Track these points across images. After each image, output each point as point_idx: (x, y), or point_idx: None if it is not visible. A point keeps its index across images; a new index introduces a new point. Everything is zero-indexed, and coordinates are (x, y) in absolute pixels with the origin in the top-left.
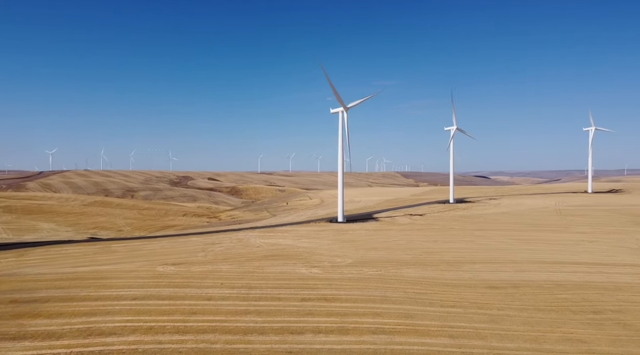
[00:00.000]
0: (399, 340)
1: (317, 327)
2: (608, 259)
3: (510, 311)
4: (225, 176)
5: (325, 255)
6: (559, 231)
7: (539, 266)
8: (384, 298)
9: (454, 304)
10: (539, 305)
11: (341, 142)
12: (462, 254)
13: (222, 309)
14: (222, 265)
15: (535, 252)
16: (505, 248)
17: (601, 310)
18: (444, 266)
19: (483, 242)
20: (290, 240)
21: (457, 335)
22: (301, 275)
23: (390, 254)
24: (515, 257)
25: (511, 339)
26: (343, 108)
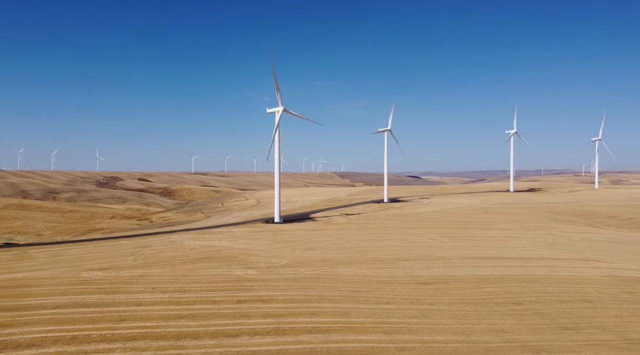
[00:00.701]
0: (335, 339)
1: (253, 329)
2: (527, 254)
3: (440, 305)
4: (157, 177)
5: (261, 256)
6: (484, 228)
7: (467, 262)
8: (320, 297)
9: (388, 301)
10: (466, 298)
11: (278, 142)
12: (395, 252)
13: (154, 314)
14: (154, 269)
15: (463, 248)
16: (436, 245)
17: (521, 301)
18: (378, 264)
19: (415, 240)
20: (225, 241)
21: (391, 330)
22: (237, 277)
23: (326, 253)
24: (445, 254)
25: (441, 332)
26: (280, 108)
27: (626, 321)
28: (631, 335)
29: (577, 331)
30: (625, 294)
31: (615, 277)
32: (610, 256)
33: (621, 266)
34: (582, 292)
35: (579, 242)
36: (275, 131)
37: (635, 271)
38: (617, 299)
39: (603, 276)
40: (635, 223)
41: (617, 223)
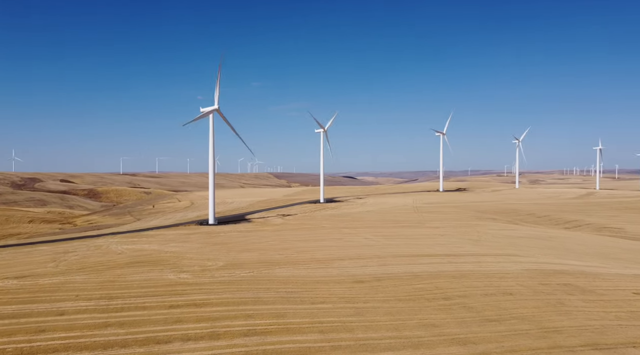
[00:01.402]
0: (271, 340)
1: (186, 334)
2: (456, 250)
3: (375, 303)
4: (82, 178)
5: (195, 259)
6: (416, 227)
7: (400, 260)
8: (256, 299)
9: (324, 300)
10: (399, 295)
11: (212, 142)
12: (332, 252)
13: (78, 323)
14: (77, 275)
15: (397, 246)
16: (370, 244)
17: (450, 296)
18: (314, 264)
19: (351, 240)
20: (156, 245)
21: (327, 330)
22: (169, 281)
23: (262, 254)
24: (379, 252)
25: (375, 329)
26: (213, 108)
27: (542, 311)
28: (547, 324)
29: (500, 322)
30: (541, 285)
31: (533, 270)
32: (529, 251)
33: (538, 260)
34: (504, 285)
35: (501, 239)
36: (212, 132)
37: (551, 264)
38: (535, 290)
39: (523, 270)
40: (550, 219)
41: (535, 220)
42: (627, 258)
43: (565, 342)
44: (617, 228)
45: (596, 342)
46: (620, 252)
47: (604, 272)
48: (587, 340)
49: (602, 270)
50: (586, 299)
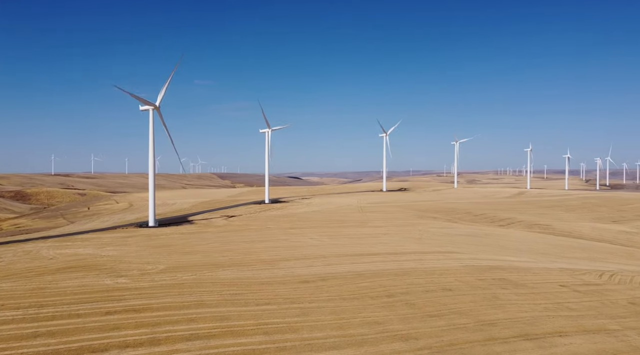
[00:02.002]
0: (214, 344)
1: (124, 341)
2: (399, 249)
3: (320, 303)
4: (8, 178)
5: (134, 263)
6: (360, 226)
7: (345, 259)
8: (199, 303)
9: (269, 301)
10: (344, 294)
11: (152, 141)
12: (277, 252)
13: (3, 335)
14: (3, 283)
15: (342, 246)
16: (316, 244)
17: (393, 293)
18: (260, 265)
19: (296, 240)
20: (92, 249)
21: (272, 331)
22: (105, 287)
23: (206, 257)
24: (325, 252)
25: (320, 328)
26: (153, 106)
27: (479, 305)
28: (483, 318)
29: (440, 317)
30: (478, 281)
31: (471, 266)
32: (467, 248)
33: (475, 256)
34: (444, 281)
35: (441, 237)
36: (152, 130)
37: (487, 260)
38: (472, 286)
39: (461, 266)
40: (486, 218)
41: (472, 218)
42: (554, 253)
43: (500, 333)
44: (545, 225)
45: (527, 333)
46: (548, 248)
47: (534, 266)
48: (519, 332)
49: (532, 265)
50: (518, 293)
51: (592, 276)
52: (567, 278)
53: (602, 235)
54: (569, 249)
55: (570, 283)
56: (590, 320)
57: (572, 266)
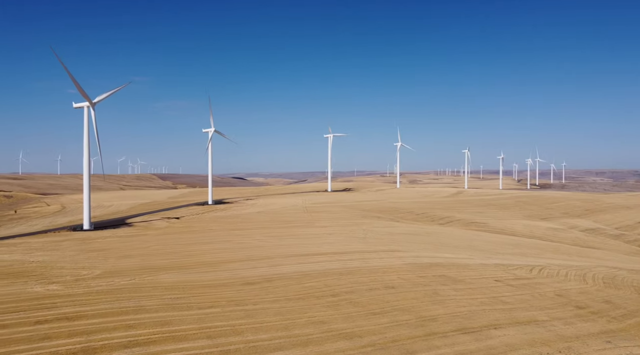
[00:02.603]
0: (155, 350)
1: (55, 351)
2: (344, 248)
3: (265, 304)
4: None
5: (67, 269)
6: (306, 226)
7: (290, 259)
8: (138, 308)
9: (212, 304)
10: (290, 295)
11: (87, 139)
12: (221, 254)
13: None
14: None
15: (287, 247)
16: (260, 245)
17: (338, 293)
18: (203, 268)
19: (241, 241)
20: (19, 254)
21: (215, 334)
22: (35, 295)
23: (146, 260)
24: (270, 253)
25: (265, 330)
26: (89, 103)
27: (420, 302)
28: (424, 313)
29: (384, 315)
30: (420, 278)
31: (413, 264)
32: (410, 246)
33: (417, 254)
34: (387, 279)
35: (384, 236)
36: (86, 129)
37: (428, 258)
38: (414, 283)
39: (404, 264)
40: (427, 216)
41: (414, 217)
42: (490, 249)
43: (440, 328)
44: (481, 223)
45: (465, 327)
46: (484, 244)
47: (471, 263)
48: (457, 326)
49: (470, 262)
50: (457, 288)
51: (523, 271)
52: (501, 273)
53: (532, 231)
54: (503, 246)
55: (504, 278)
56: (522, 313)
57: (506, 262)
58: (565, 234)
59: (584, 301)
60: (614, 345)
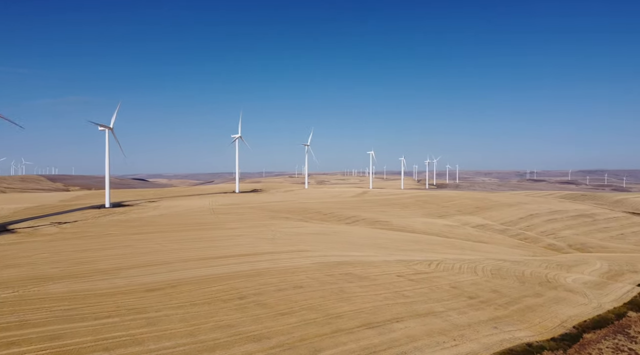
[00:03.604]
0: None
1: None
2: (252, 250)
3: (168, 311)
4: None
5: None
6: (213, 229)
7: (196, 263)
8: (22, 323)
9: (110, 314)
10: (195, 300)
11: None
12: (119, 261)
13: None
14: None
15: (193, 250)
16: (164, 249)
17: (246, 295)
18: (98, 276)
19: (142, 246)
20: None
21: (113, 346)
22: None
23: (32, 269)
24: (174, 257)
25: (168, 337)
26: None
27: (327, 300)
28: (331, 311)
29: (292, 315)
30: (327, 277)
31: (321, 263)
32: (318, 246)
33: (325, 253)
34: (296, 279)
35: (293, 236)
36: None
37: (335, 257)
38: (322, 281)
39: (312, 263)
40: (334, 216)
41: (322, 217)
42: (392, 246)
43: (346, 325)
44: (385, 221)
45: (370, 322)
46: (387, 242)
47: (376, 260)
48: (362, 321)
49: (374, 259)
50: (362, 285)
51: (422, 266)
52: (403, 269)
53: (430, 228)
54: (404, 243)
55: (406, 273)
56: (422, 305)
57: (407, 258)
58: (459, 230)
59: (475, 291)
60: (500, 330)
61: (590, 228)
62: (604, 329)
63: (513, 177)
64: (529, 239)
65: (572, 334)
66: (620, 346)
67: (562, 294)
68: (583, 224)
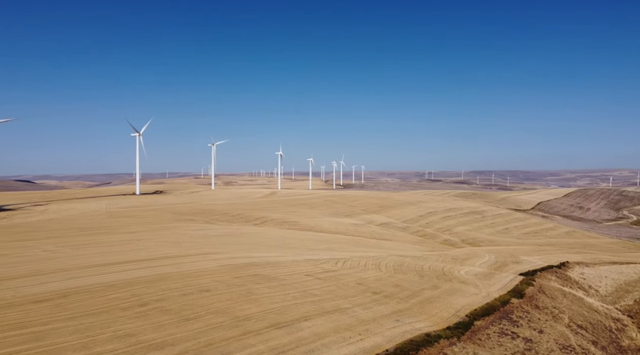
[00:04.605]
0: None
1: None
2: (155, 254)
3: (58, 323)
4: None
5: None
6: (111, 233)
7: (91, 270)
8: None
9: None
10: (89, 309)
11: None
12: (1, 270)
13: None
14: None
15: (87, 256)
16: (53, 257)
17: (147, 302)
18: None
19: (26, 254)
20: None
21: None
22: None
23: None
24: (65, 265)
25: (58, 352)
26: None
27: (235, 302)
28: (238, 314)
29: (197, 320)
30: (235, 279)
31: (228, 265)
32: (225, 248)
33: (232, 256)
34: (202, 283)
35: (199, 239)
36: None
37: (243, 258)
38: (229, 284)
39: (219, 266)
40: (242, 217)
41: (229, 218)
42: (301, 246)
43: (254, 326)
44: (293, 221)
45: (278, 322)
46: (296, 242)
47: (284, 260)
48: (271, 322)
49: (282, 259)
50: (270, 286)
51: (330, 264)
52: (311, 268)
53: (337, 228)
54: (312, 242)
55: (314, 272)
56: (329, 303)
57: (315, 257)
58: (365, 228)
59: (379, 287)
60: (401, 323)
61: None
62: (492, 315)
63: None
64: (427, 235)
65: (465, 322)
66: (504, 330)
67: (457, 286)
68: (474, 221)
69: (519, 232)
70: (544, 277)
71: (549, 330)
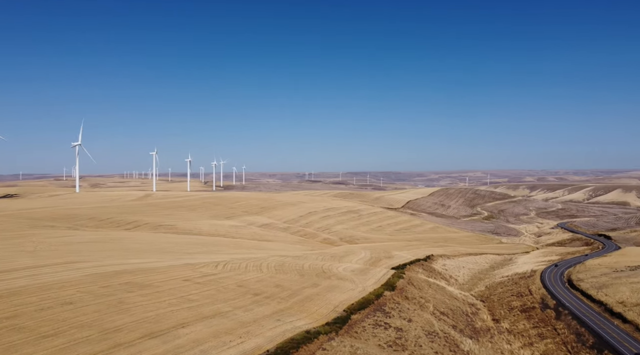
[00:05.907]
0: None
1: None
2: (6, 266)
3: None
4: None
5: None
6: None
7: None
8: None
9: None
10: None
11: None
12: None
13: None
14: None
15: None
16: None
17: None
18: None
19: None
20: None
21: None
22: None
23: None
24: None
25: None
26: None
27: (104, 314)
28: (108, 325)
29: (58, 336)
30: (103, 288)
31: (95, 274)
32: (91, 255)
33: (100, 263)
34: (64, 295)
35: (60, 246)
36: None
37: (112, 266)
38: (96, 294)
39: (84, 276)
40: (112, 222)
41: (97, 223)
42: (178, 250)
43: (125, 338)
44: (170, 225)
45: (152, 331)
46: (173, 246)
47: (160, 265)
48: (144, 332)
49: (158, 265)
50: (144, 293)
51: (209, 268)
52: (189, 272)
53: (217, 230)
54: (191, 245)
55: (192, 276)
56: (208, 307)
57: (193, 261)
58: (246, 230)
59: (260, 288)
60: (282, 322)
61: (356, 222)
62: (367, 308)
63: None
64: (308, 234)
65: (343, 317)
66: (378, 322)
67: (335, 282)
68: (351, 219)
69: (391, 229)
70: (412, 269)
71: (416, 318)
